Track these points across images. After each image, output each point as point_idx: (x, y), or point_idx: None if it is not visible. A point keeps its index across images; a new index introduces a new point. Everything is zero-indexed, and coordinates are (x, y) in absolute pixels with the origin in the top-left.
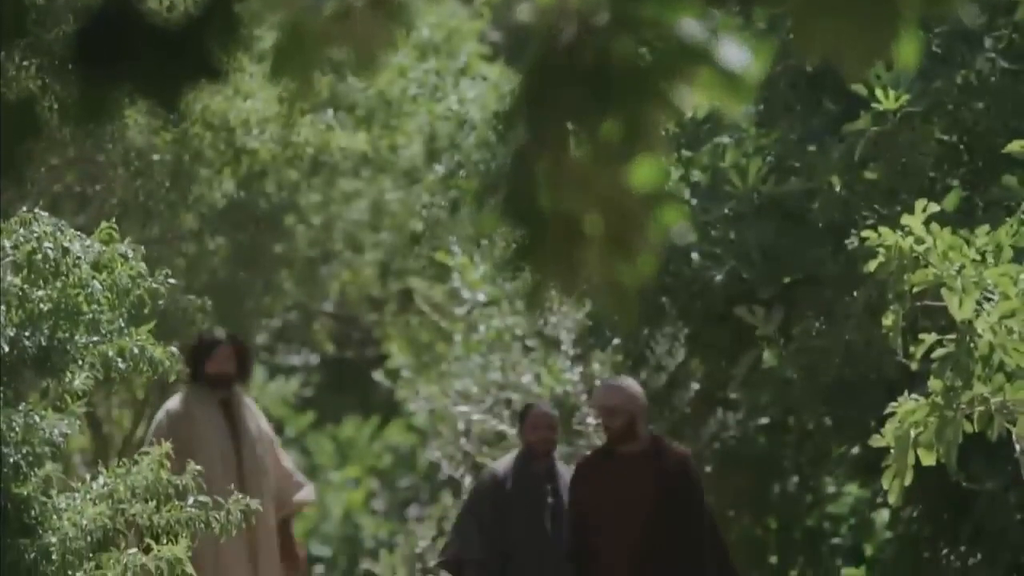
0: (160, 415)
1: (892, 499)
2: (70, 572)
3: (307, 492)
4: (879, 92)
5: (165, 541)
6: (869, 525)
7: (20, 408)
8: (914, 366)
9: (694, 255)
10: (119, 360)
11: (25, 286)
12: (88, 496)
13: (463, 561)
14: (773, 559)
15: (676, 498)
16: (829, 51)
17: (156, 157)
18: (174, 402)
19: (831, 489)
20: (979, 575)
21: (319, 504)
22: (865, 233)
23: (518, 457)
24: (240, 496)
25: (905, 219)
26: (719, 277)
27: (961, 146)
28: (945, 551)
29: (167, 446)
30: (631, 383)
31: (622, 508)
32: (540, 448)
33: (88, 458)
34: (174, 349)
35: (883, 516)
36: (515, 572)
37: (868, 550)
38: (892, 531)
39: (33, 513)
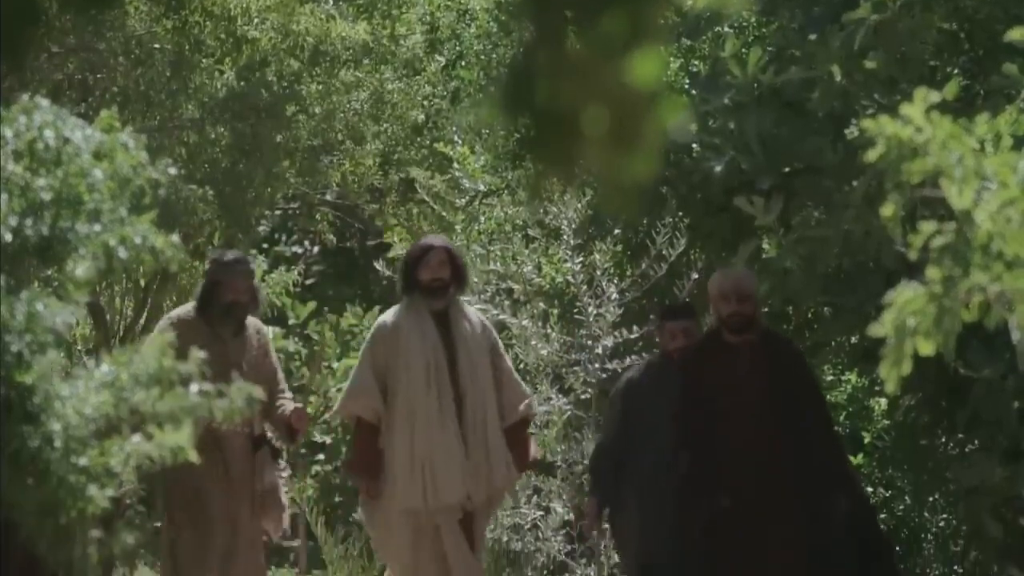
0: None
1: (889, 388)
2: (73, 459)
3: (530, 404)
4: None
5: (168, 429)
6: (867, 413)
7: (22, 296)
8: (913, 255)
9: (694, 146)
10: (121, 249)
11: (27, 175)
12: (91, 384)
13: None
14: None
15: (795, 387)
16: None
17: (157, 46)
18: (387, 314)
19: (829, 377)
20: (976, 461)
21: (316, 393)
22: (865, 122)
23: (654, 362)
24: (243, 384)
25: (905, 108)
26: (719, 168)
27: (961, 34)
28: (943, 438)
29: (170, 336)
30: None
31: (740, 397)
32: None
33: (90, 346)
34: (175, 238)
35: (881, 404)
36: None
37: (866, 438)
38: (890, 419)
39: (36, 401)
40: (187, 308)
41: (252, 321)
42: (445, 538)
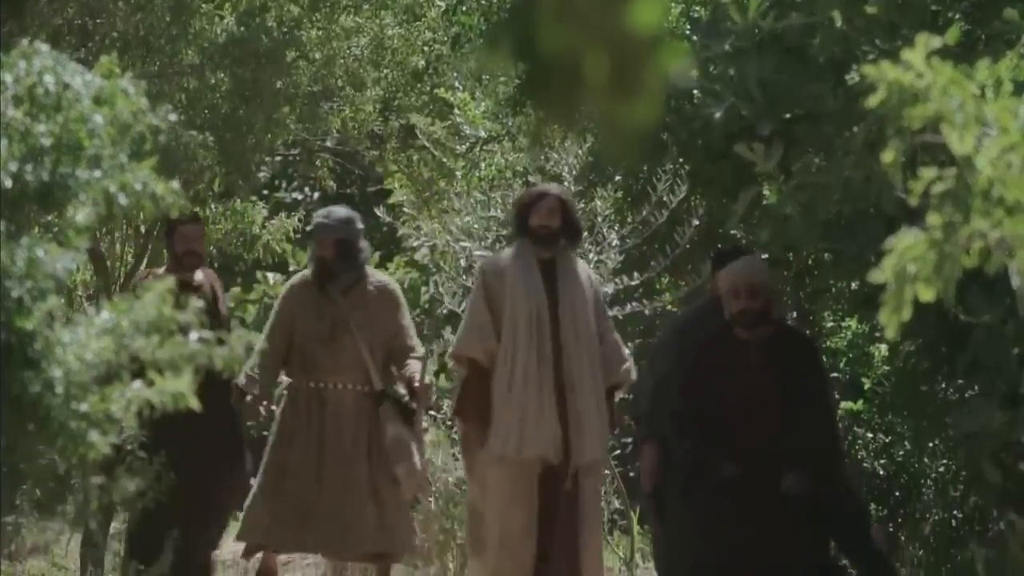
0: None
1: (889, 334)
2: (74, 405)
3: (629, 370)
4: None
5: (169, 376)
6: (867, 359)
7: (22, 242)
8: (913, 201)
9: (694, 92)
10: (121, 195)
11: (27, 120)
12: (91, 330)
13: None
14: None
15: (803, 386)
16: None
17: None
18: (492, 257)
19: (830, 324)
20: (976, 407)
21: None
22: (865, 68)
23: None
24: (243, 333)
25: (906, 54)
26: (719, 114)
27: None
28: (942, 384)
29: (170, 281)
30: (764, 260)
31: (747, 394)
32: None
33: (91, 293)
34: (176, 185)
35: (881, 350)
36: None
37: (866, 384)
38: (890, 365)
39: (37, 347)
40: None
41: (378, 279)
42: (519, 493)
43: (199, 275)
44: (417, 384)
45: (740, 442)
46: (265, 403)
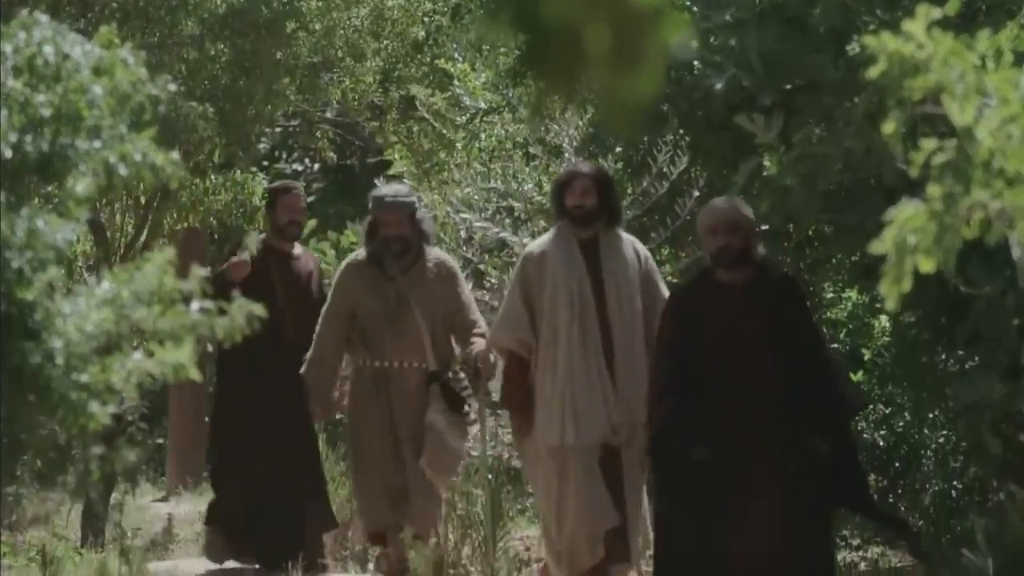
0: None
1: (890, 305)
2: (74, 375)
3: None
4: None
5: (169, 346)
6: (868, 331)
7: (22, 213)
8: (913, 172)
9: (695, 63)
10: (121, 166)
11: (26, 91)
12: (92, 301)
13: None
14: None
15: (790, 326)
16: None
17: None
18: (534, 244)
19: (830, 295)
20: (976, 378)
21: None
22: (866, 39)
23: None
24: (245, 302)
25: (906, 24)
26: (720, 85)
27: None
28: (943, 355)
29: (170, 252)
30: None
31: (732, 339)
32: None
33: (91, 263)
34: (175, 155)
35: (882, 322)
36: None
37: (866, 355)
38: (890, 336)
39: (37, 317)
40: (361, 251)
41: (436, 255)
42: (579, 477)
43: (298, 248)
44: (481, 364)
45: (724, 403)
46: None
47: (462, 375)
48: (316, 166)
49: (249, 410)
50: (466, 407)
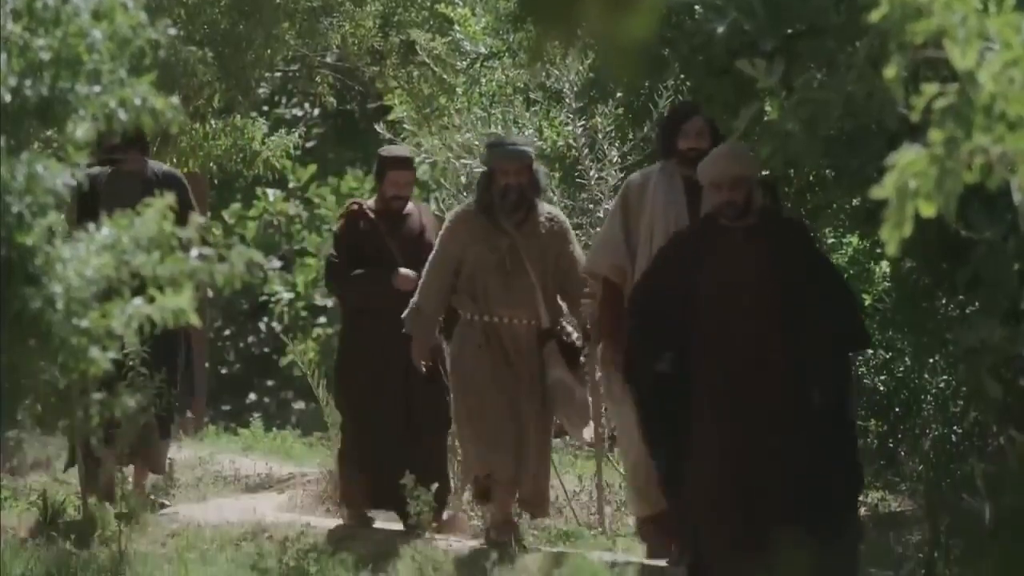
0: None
1: (890, 250)
2: (75, 321)
3: None
4: None
5: (169, 292)
6: (868, 276)
7: (22, 158)
8: (915, 117)
9: (696, 7)
10: (120, 111)
11: (26, 35)
12: (92, 246)
13: None
14: None
15: (796, 268)
16: None
17: None
18: (637, 174)
19: (831, 240)
20: (976, 322)
21: (317, 256)
22: None
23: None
24: (244, 249)
25: None
26: (721, 29)
27: None
28: (943, 300)
29: (170, 198)
30: (745, 147)
31: (735, 284)
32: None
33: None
34: (175, 100)
35: (882, 267)
36: None
37: (867, 300)
38: (891, 281)
39: (37, 262)
40: (469, 202)
41: (548, 210)
42: None
43: (409, 205)
44: (591, 327)
45: (728, 339)
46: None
47: (570, 329)
48: (316, 111)
49: (375, 372)
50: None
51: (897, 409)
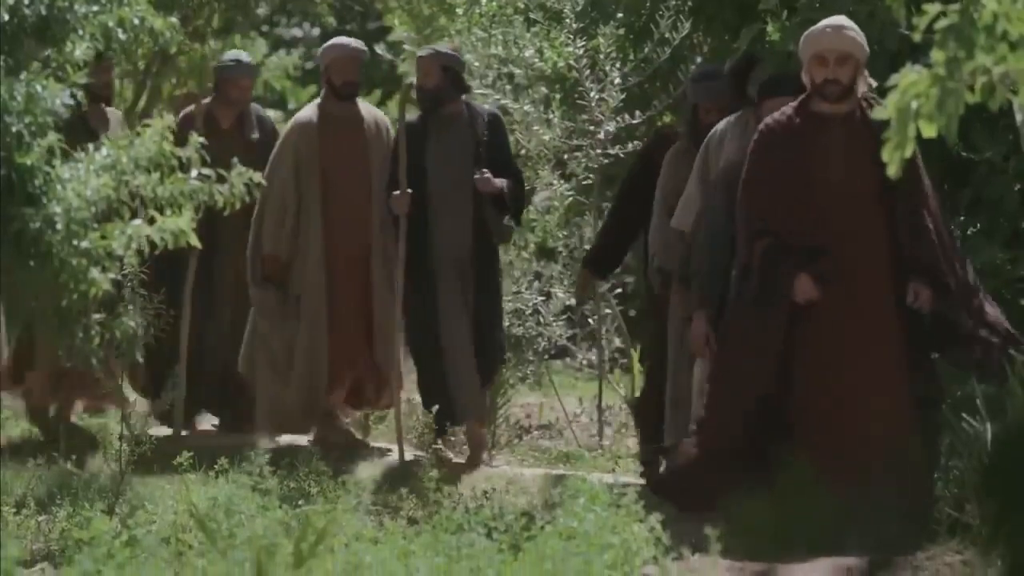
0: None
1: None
2: (75, 242)
3: None
4: None
5: (169, 213)
6: None
7: (21, 77)
8: (917, 37)
9: None
10: (119, 30)
11: None
12: (91, 167)
13: None
14: None
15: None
16: None
17: None
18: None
19: None
20: (977, 243)
21: None
22: None
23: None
24: (243, 170)
25: None
26: None
27: None
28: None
29: (169, 119)
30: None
31: (831, 176)
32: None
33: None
34: (174, 20)
35: None
36: None
37: None
38: None
39: (37, 183)
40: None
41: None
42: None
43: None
44: None
45: (825, 235)
46: None
47: None
48: (315, 31)
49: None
50: None
51: None
